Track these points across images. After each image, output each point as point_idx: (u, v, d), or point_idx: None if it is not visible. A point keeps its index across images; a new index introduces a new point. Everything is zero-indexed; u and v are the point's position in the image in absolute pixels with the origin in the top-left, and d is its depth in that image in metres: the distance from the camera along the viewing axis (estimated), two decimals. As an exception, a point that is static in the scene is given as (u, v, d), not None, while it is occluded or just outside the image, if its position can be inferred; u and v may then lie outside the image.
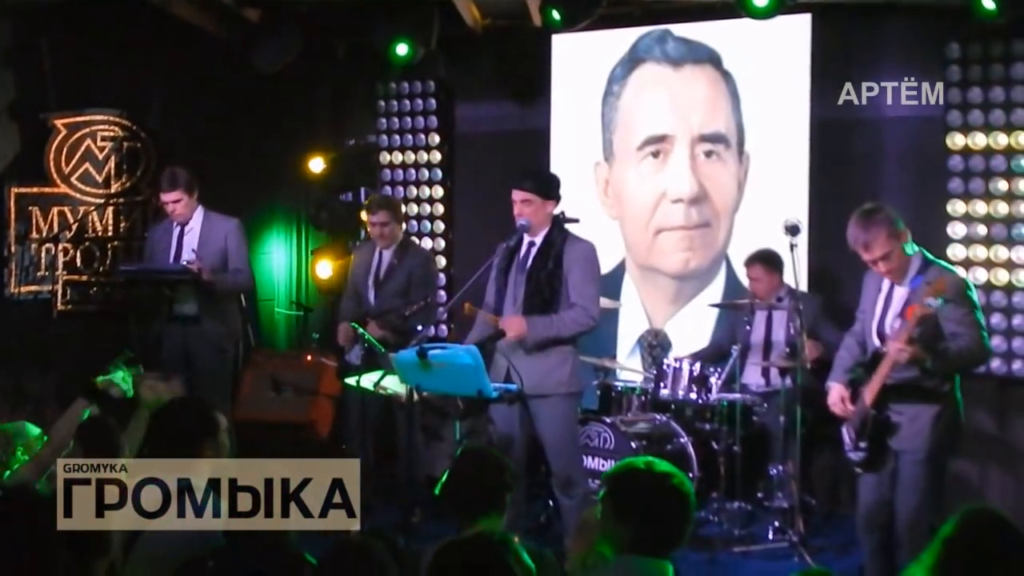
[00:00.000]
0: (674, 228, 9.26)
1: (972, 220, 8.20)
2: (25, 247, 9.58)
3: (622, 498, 3.71)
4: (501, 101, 10.12)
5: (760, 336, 8.33)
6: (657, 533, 3.64)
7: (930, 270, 5.83)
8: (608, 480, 3.80)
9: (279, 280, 11.05)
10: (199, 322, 8.19)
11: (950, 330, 5.72)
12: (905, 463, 5.86)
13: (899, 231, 5.83)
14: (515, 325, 6.50)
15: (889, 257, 5.82)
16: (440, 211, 10.19)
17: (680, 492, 3.68)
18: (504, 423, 6.71)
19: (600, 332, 7.02)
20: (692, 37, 9.24)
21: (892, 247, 5.81)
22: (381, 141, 10.31)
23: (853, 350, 6.21)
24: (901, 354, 5.63)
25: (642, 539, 3.63)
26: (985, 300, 8.13)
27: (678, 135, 9.22)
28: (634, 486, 3.71)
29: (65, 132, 9.72)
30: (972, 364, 6.11)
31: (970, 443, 8.07)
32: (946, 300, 5.58)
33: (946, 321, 5.71)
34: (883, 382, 5.79)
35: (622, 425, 7.95)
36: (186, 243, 8.23)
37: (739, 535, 7.69)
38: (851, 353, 6.22)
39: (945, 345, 5.71)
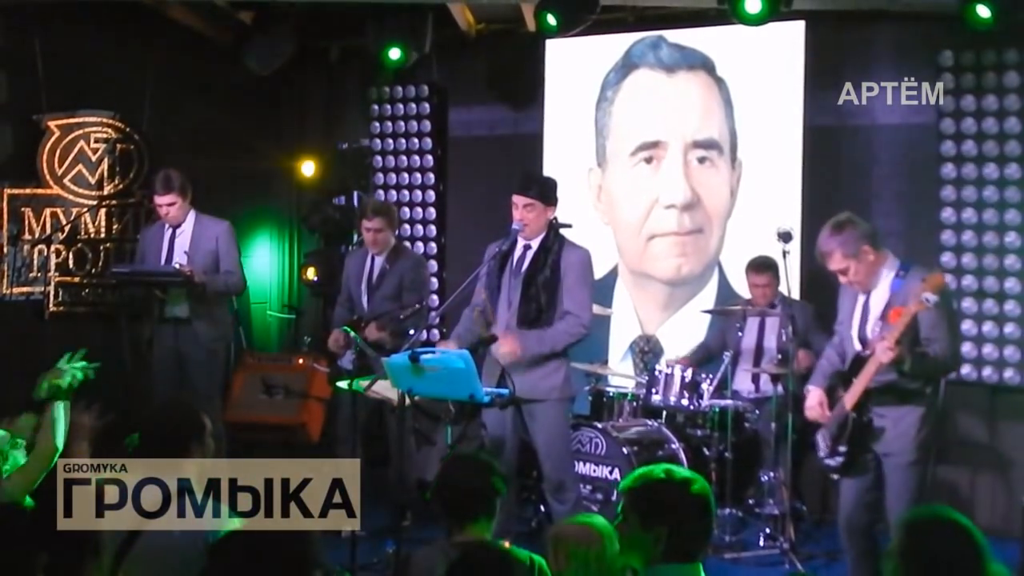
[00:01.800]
0: (667, 234, 9.27)
1: (964, 228, 8.21)
2: (17, 248, 9.56)
3: (649, 508, 3.68)
4: (494, 105, 10.13)
5: (752, 342, 8.33)
6: (687, 539, 3.65)
7: (911, 273, 5.84)
8: (630, 492, 3.77)
9: (271, 283, 11.05)
10: (190, 324, 8.18)
11: (924, 334, 5.75)
12: (892, 467, 5.86)
13: (859, 249, 5.84)
14: (510, 345, 6.49)
15: (846, 272, 5.89)
16: (432, 215, 10.20)
17: (704, 496, 3.69)
18: (496, 427, 6.71)
19: (592, 338, 7.02)
20: (686, 43, 9.26)
21: (848, 264, 5.87)
22: (374, 144, 10.32)
23: (833, 359, 6.24)
24: (887, 354, 5.64)
25: (673, 547, 3.62)
26: (976, 308, 8.16)
27: (671, 141, 9.22)
28: (659, 495, 3.70)
29: (58, 134, 9.70)
30: (943, 371, 6.12)
31: (961, 450, 8.12)
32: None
33: (923, 325, 5.74)
34: (867, 385, 5.82)
35: (613, 431, 7.94)
36: (178, 245, 8.22)
37: (730, 541, 7.70)
38: (831, 362, 6.25)
39: (923, 349, 5.73)
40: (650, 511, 3.68)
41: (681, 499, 3.66)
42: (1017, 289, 8.09)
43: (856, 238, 5.85)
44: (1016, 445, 8.23)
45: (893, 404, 5.85)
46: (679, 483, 3.71)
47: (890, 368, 5.74)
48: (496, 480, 4.55)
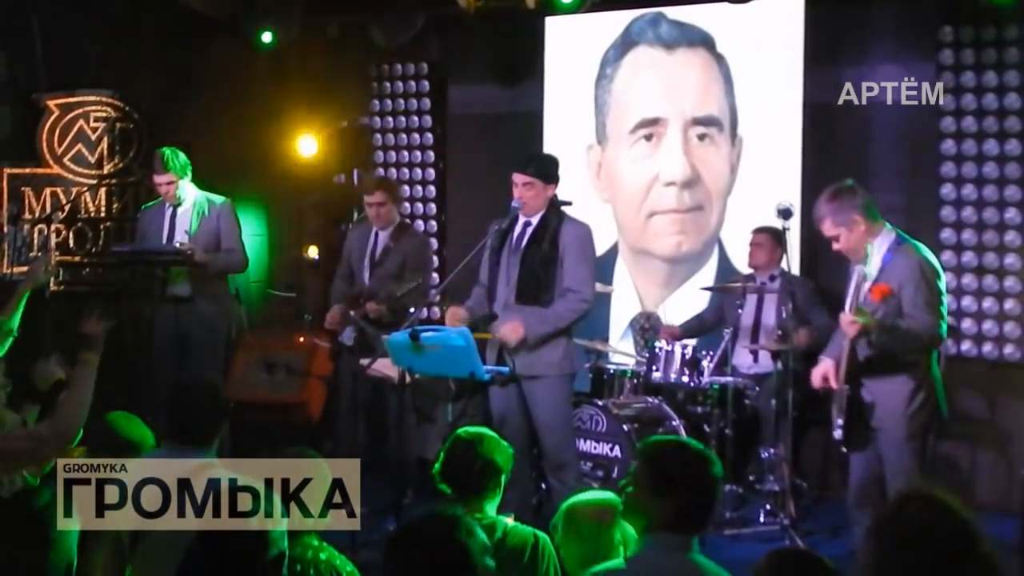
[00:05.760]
0: (666, 211, 9.27)
1: (964, 204, 8.21)
2: (17, 228, 9.58)
3: (663, 470, 3.66)
4: (494, 83, 10.11)
5: (750, 319, 8.33)
6: (695, 508, 3.64)
7: (900, 250, 5.86)
8: (646, 452, 3.75)
9: (271, 261, 11.05)
10: (192, 302, 8.18)
11: (906, 311, 5.79)
12: (885, 442, 5.89)
13: (850, 219, 5.89)
14: (513, 330, 6.48)
15: (837, 239, 5.97)
16: (433, 193, 10.21)
17: (714, 469, 3.69)
18: (501, 405, 6.71)
19: (592, 315, 7.02)
20: (685, 20, 9.23)
21: (838, 231, 5.94)
22: (374, 123, 10.32)
23: None
24: (851, 327, 5.72)
25: (677, 516, 3.61)
26: (977, 284, 8.16)
27: (671, 118, 9.21)
28: (676, 459, 3.69)
29: (58, 113, 9.71)
30: (919, 346, 5.97)
31: (961, 426, 8.12)
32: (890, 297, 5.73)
33: (904, 302, 5.79)
34: (847, 358, 5.86)
35: (614, 408, 7.95)
36: (179, 224, 8.22)
37: (730, 518, 7.71)
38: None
39: (894, 322, 5.77)
40: (665, 472, 3.66)
41: (695, 470, 3.65)
42: (1017, 265, 8.09)
43: (848, 207, 5.90)
44: (1016, 421, 8.23)
45: (881, 377, 5.89)
46: (696, 451, 3.72)
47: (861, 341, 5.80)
48: (499, 457, 4.56)
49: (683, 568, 3.59)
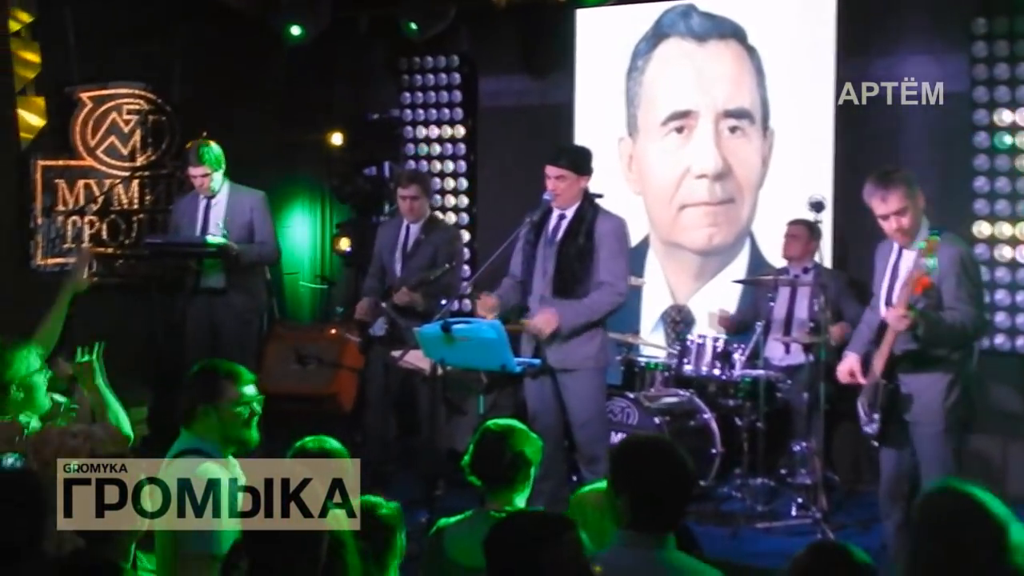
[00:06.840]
0: (698, 204, 9.25)
1: (998, 197, 8.15)
2: (51, 220, 9.63)
3: (614, 470, 3.76)
4: (525, 75, 10.12)
5: (783, 312, 8.31)
6: (647, 507, 3.63)
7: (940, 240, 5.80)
8: (609, 453, 3.83)
9: (303, 254, 11.09)
10: (225, 294, 8.21)
11: (947, 303, 5.72)
12: (920, 436, 5.83)
13: (915, 194, 5.82)
14: (548, 320, 6.48)
15: (904, 212, 5.79)
16: (464, 185, 10.22)
17: (676, 469, 3.68)
18: (535, 397, 6.71)
19: (624, 308, 7.01)
20: (716, 12, 9.21)
21: (908, 203, 5.78)
22: (404, 115, 10.34)
23: (872, 323, 6.18)
24: (901, 321, 5.62)
25: (636, 514, 3.62)
26: (1011, 278, 8.12)
27: (702, 110, 9.19)
28: (624, 460, 3.77)
29: (91, 105, 9.75)
30: (963, 339, 5.91)
31: (993, 420, 8.07)
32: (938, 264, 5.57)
33: (945, 295, 5.72)
34: (890, 351, 5.79)
35: (645, 400, 7.96)
36: (212, 216, 8.25)
37: (761, 511, 7.70)
38: (869, 326, 6.20)
39: (939, 315, 5.70)
40: (616, 476, 3.73)
41: (649, 468, 3.67)
42: (1051, 259, 8.05)
43: (916, 184, 5.84)
44: (1049, 415, 8.20)
45: (918, 371, 5.82)
46: (653, 451, 3.75)
47: (908, 335, 5.72)
48: (529, 449, 4.55)
49: (644, 567, 3.60)
